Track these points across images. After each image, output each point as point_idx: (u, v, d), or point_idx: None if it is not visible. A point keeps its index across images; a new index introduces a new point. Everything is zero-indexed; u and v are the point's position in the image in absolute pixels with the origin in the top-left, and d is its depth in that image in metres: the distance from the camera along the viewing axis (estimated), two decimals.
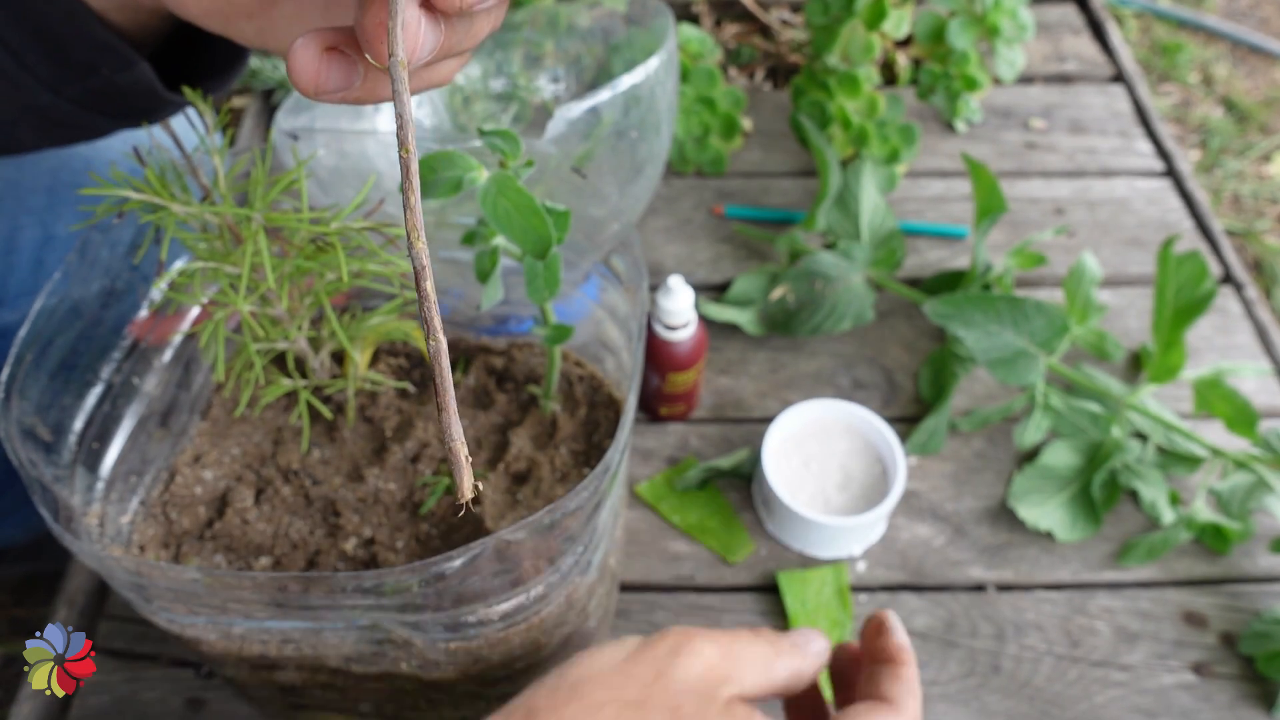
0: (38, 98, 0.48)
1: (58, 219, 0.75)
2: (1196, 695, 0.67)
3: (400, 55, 0.27)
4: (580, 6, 0.82)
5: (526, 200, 0.41)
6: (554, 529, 0.44)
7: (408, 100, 0.26)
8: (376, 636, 0.48)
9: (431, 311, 0.27)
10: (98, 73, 0.47)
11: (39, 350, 0.49)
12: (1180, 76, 1.88)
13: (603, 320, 0.60)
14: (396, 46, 0.26)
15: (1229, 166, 1.73)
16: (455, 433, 0.26)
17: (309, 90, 0.33)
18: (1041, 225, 0.96)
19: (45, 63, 0.47)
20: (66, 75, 0.48)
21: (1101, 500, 0.74)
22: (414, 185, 0.26)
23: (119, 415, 0.54)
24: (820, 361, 0.86)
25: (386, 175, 0.58)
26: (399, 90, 0.26)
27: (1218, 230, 0.95)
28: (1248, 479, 0.73)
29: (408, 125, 0.26)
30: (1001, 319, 0.74)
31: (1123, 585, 0.72)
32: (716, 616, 0.70)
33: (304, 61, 0.32)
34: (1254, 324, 0.89)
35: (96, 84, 0.48)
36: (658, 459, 0.79)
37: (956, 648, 0.69)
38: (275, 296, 0.49)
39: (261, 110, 1.05)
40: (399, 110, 0.26)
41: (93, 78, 0.48)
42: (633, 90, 0.60)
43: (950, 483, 0.78)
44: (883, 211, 0.87)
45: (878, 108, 0.93)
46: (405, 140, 0.26)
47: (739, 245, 0.94)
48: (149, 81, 0.49)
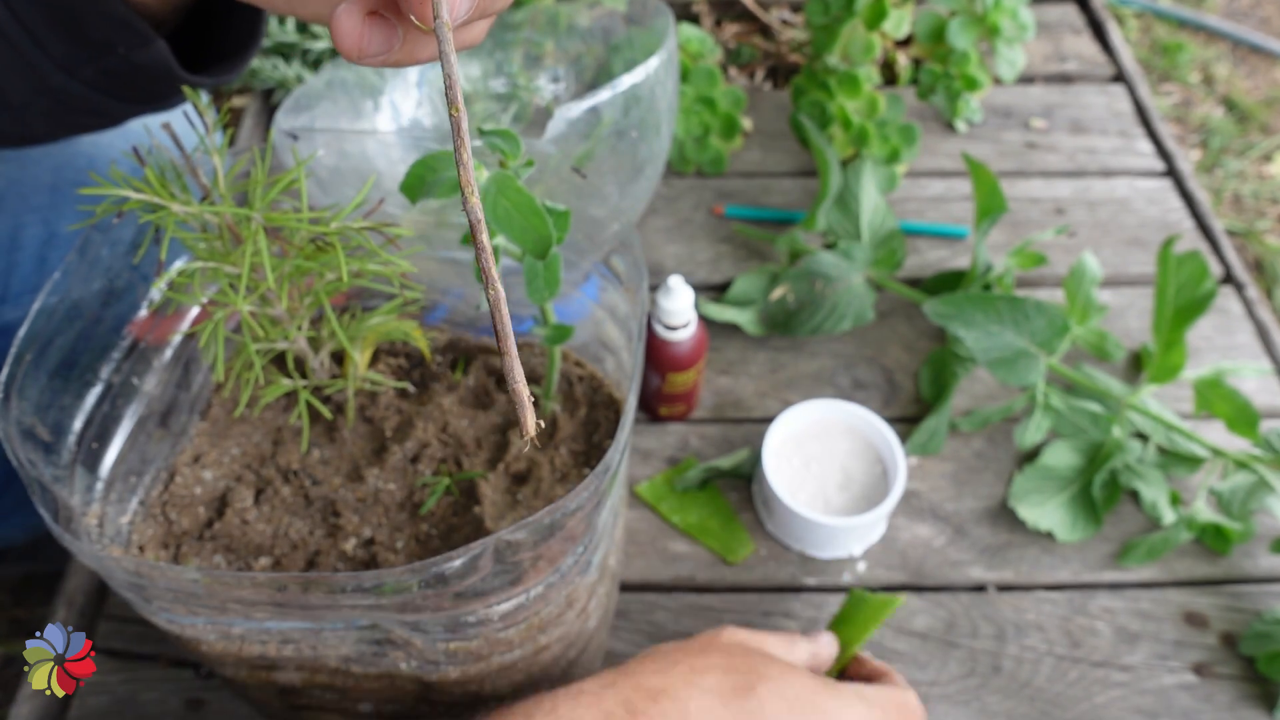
0: (51, 79, 0.48)
1: (61, 217, 0.75)
2: (1197, 696, 0.67)
3: (445, 16, 0.28)
4: (580, 6, 0.82)
5: (527, 200, 0.41)
6: (554, 529, 0.44)
7: (454, 60, 0.27)
8: (376, 636, 0.48)
9: (489, 262, 0.28)
10: (114, 51, 0.47)
11: (38, 350, 0.49)
12: (1181, 76, 1.88)
13: (603, 320, 0.60)
14: (441, 8, 0.27)
15: (1229, 166, 1.73)
16: (518, 374, 0.28)
17: (353, 54, 0.34)
18: (1042, 225, 0.96)
19: (61, 41, 0.47)
20: (82, 54, 0.47)
21: (1102, 500, 0.74)
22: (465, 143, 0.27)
23: (118, 415, 0.54)
24: (820, 361, 0.85)
25: (386, 175, 0.58)
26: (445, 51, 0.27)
27: (1218, 230, 0.95)
28: (1248, 479, 0.73)
29: (456, 85, 0.27)
30: (1002, 319, 0.74)
31: (1123, 585, 0.72)
32: (717, 616, 0.70)
33: (348, 26, 0.33)
34: (1255, 324, 0.89)
35: (112, 64, 0.48)
36: (658, 459, 0.79)
37: (957, 648, 0.69)
38: (275, 296, 0.49)
39: (261, 110, 1.05)
40: (447, 70, 0.27)
41: (108, 56, 0.47)
42: (633, 90, 0.60)
43: (950, 483, 0.78)
44: (883, 211, 0.87)
45: (878, 108, 0.93)
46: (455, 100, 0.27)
47: (739, 245, 0.94)
48: (165, 60, 0.49)
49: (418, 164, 0.44)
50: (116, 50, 0.47)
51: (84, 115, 0.52)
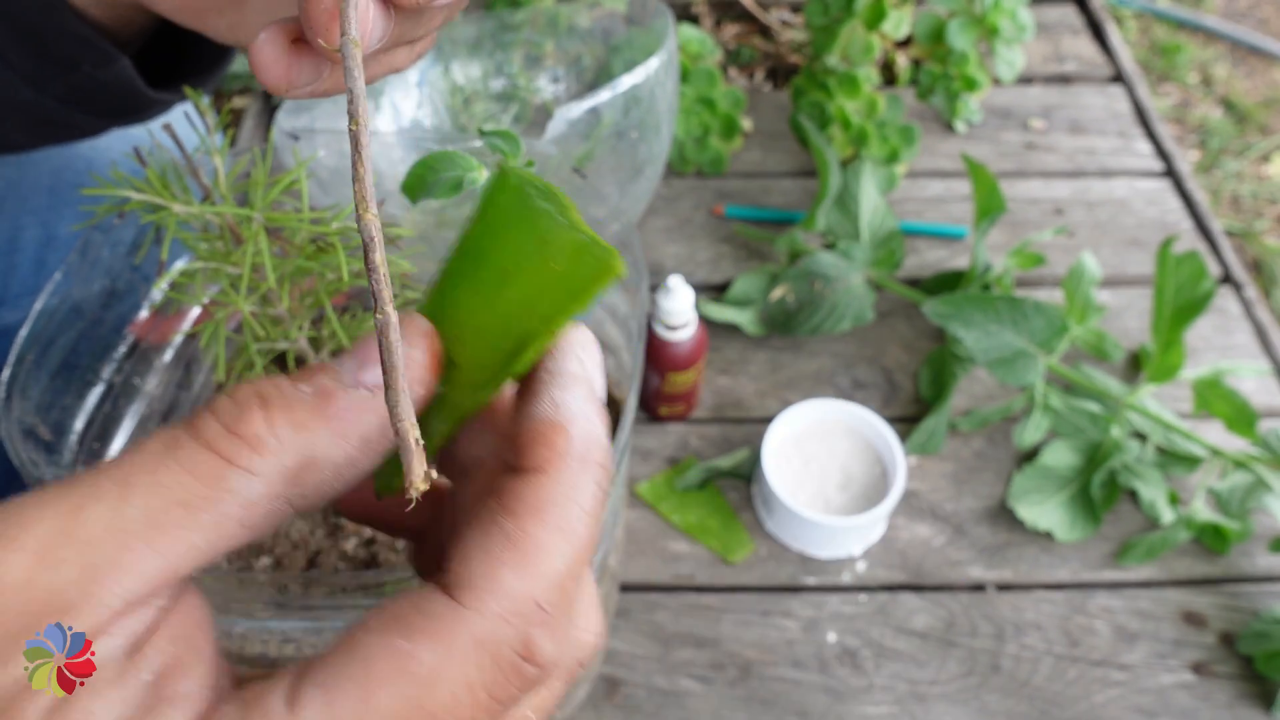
0: (20, 94, 0.48)
1: (60, 219, 0.75)
2: (1196, 695, 0.67)
3: (353, 34, 0.26)
4: (580, 6, 0.82)
5: None
6: None
7: (360, 77, 0.26)
8: None
9: (381, 285, 0.26)
10: (78, 68, 0.47)
11: (40, 350, 0.49)
12: (1180, 77, 1.88)
13: (603, 320, 0.60)
14: (350, 26, 0.26)
15: (1228, 167, 1.73)
16: (404, 412, 0.24)
17: (280, 87, 0.30)
18: (1041, 225, 0.97)
19: (26, 58, 0.47)
20: (47, 71, 0.47)
21: (1101, 500, 0.74)
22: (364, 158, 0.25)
23: (120, 415, 0.54)
24: (820, 361, 0.86)
25: (387, 175, 0.58)
26: (350, 68, 0.26)
27: (1217, 230, 0.95)
28: (1247, 479, 0.73)
29: (359, 100, 0.25)
30: (1001, 319, 0.74)
31: (1122, 585, 0.72)
32: (717, 616, 0.70)
33: (270, 57, 0.30)
34: (1253, 324, 0.89)
35: (78, 80, 0.48)
36: (658, 459, 0.79)
37: (956, 648, 0.69)
38: (276, 296, 0.49)
39: (262, 110, 1.05)
40: (350, 85, 0.25)
41: (73, 74, 0.47)
42: (633, 90, 0.60)
43: (950, 483, 0.78)
44: (883, 211, 0.88)
45: (877, 108, 0.93)
46: (356, 114, 0.25)
47: (739, 245, 0.94)
48: (129, 78, 0.48)
49: (418, 164, 0.44)
50: (81, 67, 0.47)
51: (61, 128, 0.52)
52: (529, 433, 0.25)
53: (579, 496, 0.24)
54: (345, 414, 0.25)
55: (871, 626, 0.70)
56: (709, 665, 0.68)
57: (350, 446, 0.25)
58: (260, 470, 0.24)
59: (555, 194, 0.27)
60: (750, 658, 0.69)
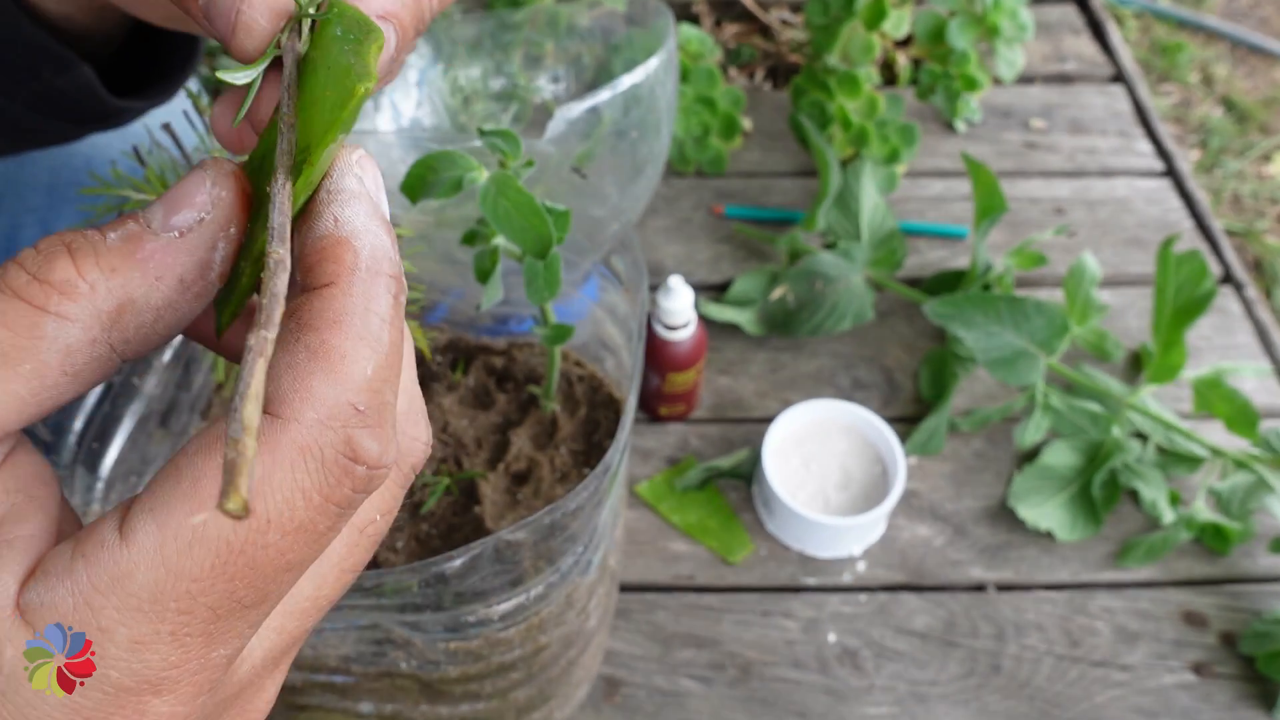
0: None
1: (58, 217, 0.75)
2: (1196, 695, 0.67)
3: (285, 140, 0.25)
4: (580, 6, 0.82)
5: (526, 200, 0.41)
6: (554, 529, 0.44)
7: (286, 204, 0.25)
8: (376, 636, 0.48)
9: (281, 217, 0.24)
10: (39, 76, 0.47)
11: None
12: (1180, 76, 1.88)
13: (603, 320, 0.60)
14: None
15: (1229, 166, 1.73)
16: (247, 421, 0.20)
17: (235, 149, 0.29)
18: (1041, 225, 0.96)
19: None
20: (9, 78, 0.47)
21: (1101, 500, 0.74)
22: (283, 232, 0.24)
23: (119, 415, 0.54)
24: (820, 361, 0.86)
25: (386, 175, 0.58)
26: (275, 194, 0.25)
27: (1218, 230, 0.95)
28: (1248, 479, 0.73)
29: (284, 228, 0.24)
30: (1001, 319, 0.74)
31: (1123, 585, 0.72)
32: (717, 616, 0.70)
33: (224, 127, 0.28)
34: (1254, 324, 0.89)
35: (39, 88, 0.47)
36: (658, 459, 0.79)
37: (956, 648, 0.69)
38: None
39: None
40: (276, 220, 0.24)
41: (35, 81, 0.47)
42: (633, 90, 0.60)
43: (950, 483, 0.78)
44: (883, 211, 0.87)
45: (878, 108, 0.93)
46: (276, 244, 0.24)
47: (739, 245, 0.94)
48: (90, 85, 0.48)
49: (418, 164, 0.44)
50: (41, 75, 0.47)
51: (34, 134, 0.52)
52: (315, 251, 0.25)
53: (374, 305, 0.24)
54: (156, 256, 0.25)
55: (872, 627, 0.70)
56: (709, 665, 0.68)
57: (167, 289, 0.25)
58: (74, 315, 0.24)
59: (357, 22, 0.26)
60: (750, 658, 0.69)
